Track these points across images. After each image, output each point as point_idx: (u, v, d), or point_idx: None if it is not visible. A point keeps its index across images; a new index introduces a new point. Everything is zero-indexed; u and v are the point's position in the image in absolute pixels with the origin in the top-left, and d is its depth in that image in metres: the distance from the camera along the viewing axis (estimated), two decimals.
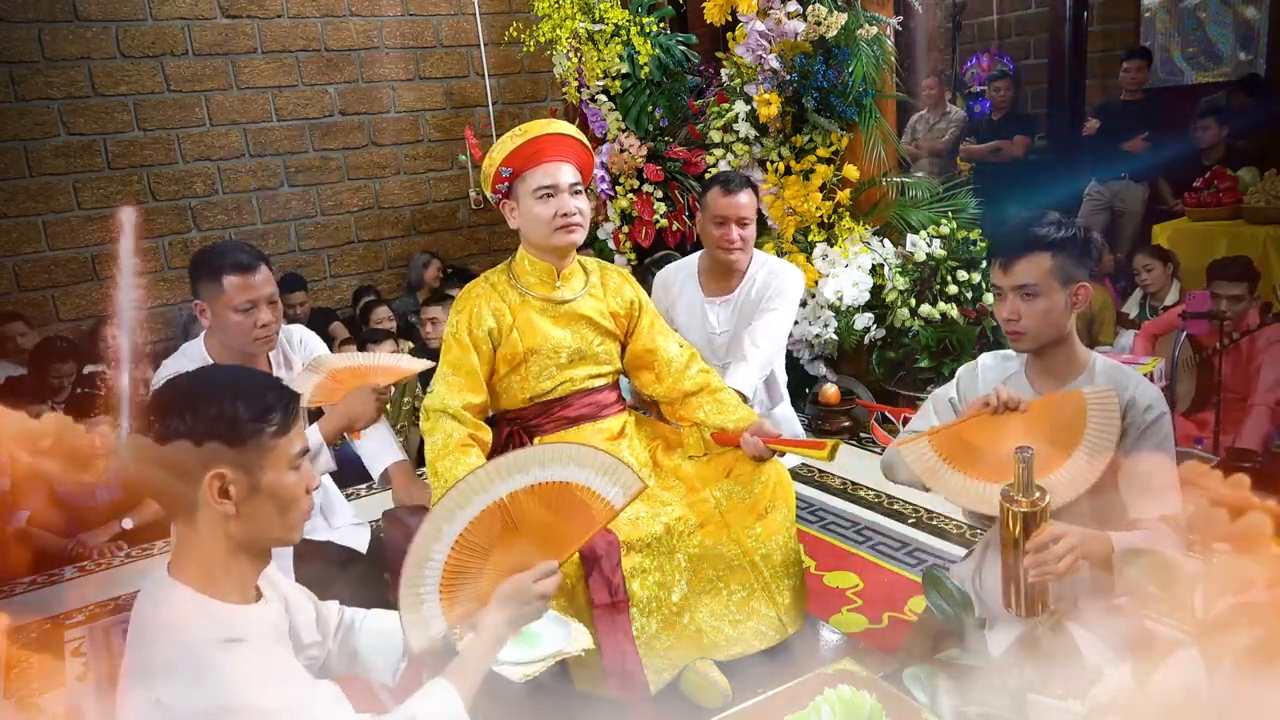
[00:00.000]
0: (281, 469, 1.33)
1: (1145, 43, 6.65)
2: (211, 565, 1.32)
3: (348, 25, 5.59)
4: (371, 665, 1.63)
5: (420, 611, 1.52)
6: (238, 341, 2.37)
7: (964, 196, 4.16)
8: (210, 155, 5.27)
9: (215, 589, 1.31)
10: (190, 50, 5.13)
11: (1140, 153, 5.58)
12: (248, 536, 1.33)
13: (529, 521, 1.57)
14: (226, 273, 2.30)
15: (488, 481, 1.55)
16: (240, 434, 1.28)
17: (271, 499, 1.32)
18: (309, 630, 1.55)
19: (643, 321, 2.43)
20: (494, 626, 1.50)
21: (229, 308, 2.32)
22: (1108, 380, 1.86)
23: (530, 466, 1.56)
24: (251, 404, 1.30)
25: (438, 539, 1.52)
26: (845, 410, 3.93)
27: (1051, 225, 1.85)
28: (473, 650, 1.49)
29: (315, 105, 5.55)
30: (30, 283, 4.87)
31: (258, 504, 1.31)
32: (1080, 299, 1.86)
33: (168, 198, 5.17)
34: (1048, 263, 1.82)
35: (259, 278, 2.34)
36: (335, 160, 5.67)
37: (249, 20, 5.28)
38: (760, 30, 3.90)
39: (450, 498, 1.53)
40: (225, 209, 5.34)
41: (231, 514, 1.29)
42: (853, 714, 1.36)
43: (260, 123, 5.40)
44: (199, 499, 1.28)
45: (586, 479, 1.58)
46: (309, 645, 1.55)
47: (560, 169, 2.21)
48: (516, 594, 1.51)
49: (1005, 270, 1.87)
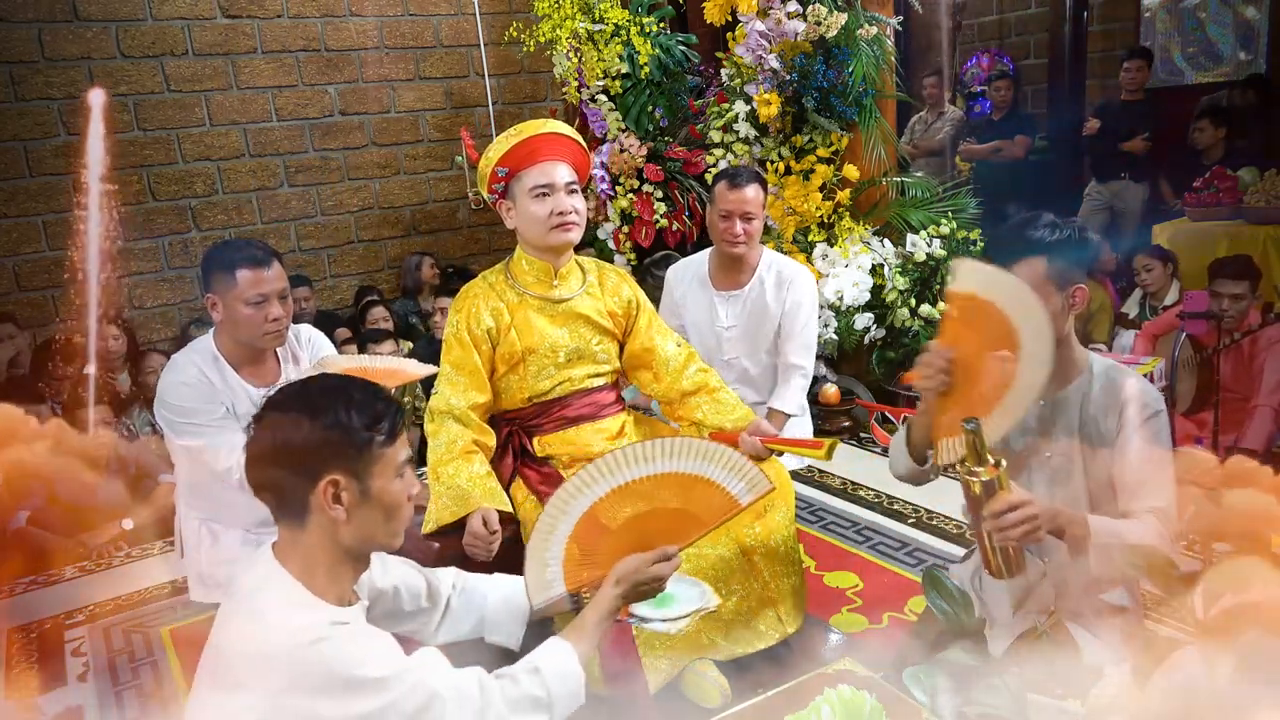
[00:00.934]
0: (389, 476, 1.39)
1: (1145, 43, 6.65)
2: (315, 567, 1.37)
3: (348, 25, 5.59)
4: (496, 628, 1.74)
5: (544, 574, 1.64)
6: (248, 336, 2.40)
7: (964, 196, 4.16)
8: (210, 155, 5.27)
9: (316, 590, 1.36)
10: (190, 50, 5.13)
11: (1140, 153, 5.58)
12: (355, 541, 1.38)
13: (654, 507, 1.67)
14: (240, 266, 2.34)
15: (616, 468, 1.65)
16: (354, 442, 1.34)
17: (380, 505, 1.38)
18: (413, 600, 1.66)
19: (640, 320, 2.44)
20: (609, 599, 1.60)
21: (241, 301, 2.35)
22: (1106, 380, 1.86)
23: (658, 458, 1.66)
24: (363, 412, 1.35)
25: (564, 513, 1.64)
26: (845, 410, 3.93)
27: (1046, 228, 1.83)
28: (588, 616, 1.60)
29: (315, 105, 5.55)
30: (30, 283, 4.87)
31: (367, 510, 1.37)
32: (1078, 301, 1.85)
33: (168, 198, 5.17)
34: (1043, 266, 1.80)
35: (271, 273, 2.38)
36: (335, 160, 5.67)
37: (249, 20, 5.28)
38: (760, 30, 3.90)
39: (579, 478, 1.64)
40: (225, 209, 5.34)
41: (342, 519, 1.35)
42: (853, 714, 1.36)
43: (260, 123, 5.40)
44: (311, 504, 1.34)
45: (713, 474, 1.68)
46: (413, 613, 1.67)
47: (556, 168, 2.22)
48: (633, 573, 1.61)
49: None
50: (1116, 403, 1.83)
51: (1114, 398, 1.84)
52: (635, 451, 1.65)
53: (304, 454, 1.32)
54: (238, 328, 2.39)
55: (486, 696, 1.42)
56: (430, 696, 1.35)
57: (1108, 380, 1.86)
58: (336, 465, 1.33)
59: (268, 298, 2.36)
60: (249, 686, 1.26)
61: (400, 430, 1.41)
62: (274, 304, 2.38)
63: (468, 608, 1.74)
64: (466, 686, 1.41)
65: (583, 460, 2.28)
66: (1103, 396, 1.85)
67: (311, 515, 1.35)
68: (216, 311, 2.40)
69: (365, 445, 1.35)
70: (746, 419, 2.31)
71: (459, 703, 1.38)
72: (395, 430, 1.39)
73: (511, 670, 1.49)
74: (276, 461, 1.33)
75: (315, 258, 5.68)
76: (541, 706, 1.47)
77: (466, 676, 1.43)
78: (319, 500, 1.33)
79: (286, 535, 1.38)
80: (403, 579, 1.66)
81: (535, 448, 2.32)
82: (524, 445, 2.32)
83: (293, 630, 1.28)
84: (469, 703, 1.40)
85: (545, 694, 1.47)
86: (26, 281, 4.86)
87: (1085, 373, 1.89)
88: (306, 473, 1.32)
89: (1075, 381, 1.89)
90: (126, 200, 5.05)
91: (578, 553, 1.65)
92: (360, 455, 1.34)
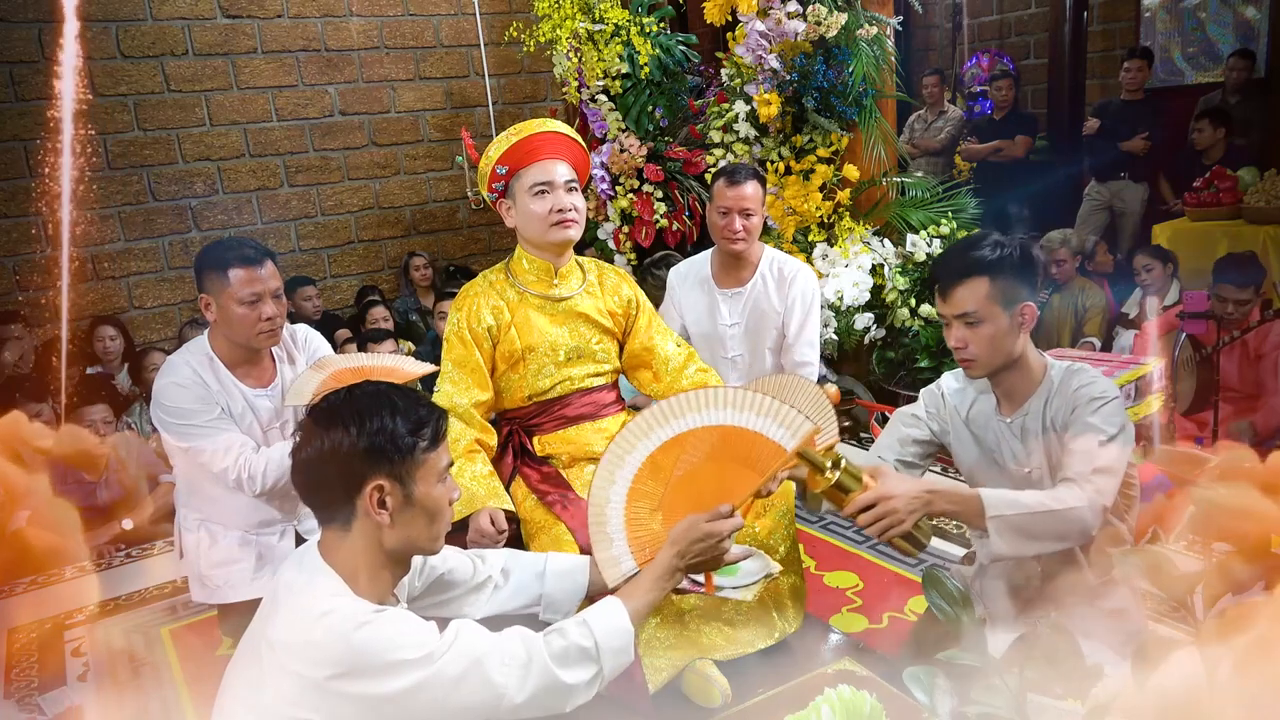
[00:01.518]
0: (431, 481, 1.41)
1: (1145, 43, 6.65)
2: (357, 570, 1.39)
3: (348, 25, 5.59)
4: (553, 604, 1.75)
5: (610, 550, 1.64)
6: (242, 335, 2.38)
7: (964, 196, 4.16)
8: (210, 155, 5.27)
9: (358, 592, 1.38)
10: (190, 50, 5.13)
11: (1140, 153, 5.58)
12: (398, 545, 1.41)
13: (700, 467, 1.65)
14: (233, 266, 2.33)
15: (646, 428, 1.63)
16: (399, 447, 1.36)
17: (423, 510, 1.41)
18: (462, 583, 1.69)
19: (640, 320, 2.44)
20: (666, 560, 1.59)
21: (234, 300, 2.33)
22: (1064, 387, 1.85)
23: (686, 412, 1.65)
24: (408, 418, 1.38)
25: (611, 483, 1.64)
26: (845, 410, 3.93)
27: (987, 248, 1.81)
28: (644, 577, 1.60)
29: (315, 105, 5.55)
30: (30, 283, 4.87)
31: (411, 515, 1.39)
32: (1027, 318, 1.83)
33: (168, 198, 5.17)
34: (985, 287, 1.79)
35: (264, 272, 2.36)
36: (335, 160, 5.67)
37: (249, 20, 5.28)
38: (760, 30, 3.90)
39: (611, 450, 1.64)
40: (225, 209, 5.34)
41: (387, 524, 1.37)
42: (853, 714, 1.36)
43: (260, 123, 5.40)
44: (357, 508, 1.37)
45: (748, 422, 1.64)
46: (461, 596, 1.69)
47: (555, 166, 2.22)
48: (688, 531, 1.59)
49: (945, 299, 1.85)
50: (1073, 399, 1.84)
51: (1069, 398, 1.84)
52: (662, 410, 1.64)
53: (350, 460, 1.35)
54: (232, 327, 2.38)
55: (530, 650, 1.43)
56: (472, 661, 1.37)
57: (1066, 387, 1.85)
58: (381, 471, 1.36)
59: (261, 297, 2.35)
60: (298, 673, 1.30)
61: (443, 435, 1.44)
62: (268, 303, 2.36)
63: (519, 588, 1.75)
64: (508, 644, 1.43)
65: (583, 460, 2.28)
66: (1062, 405, 1.85)
67: (356, 520, 1.38)
68: (210, 311, 2.38)
69: (409, 451, 1.37)
70: None
71: (502, 660, 1.40)
72: (438, 436, 1.42)
73: (561, 624, 1.51)
74: (323, 467, 1.36)
75: (315, 258, 5.69)
76: (589, 658, 1.47)
77: (508, 634, 1.44)
78: (364, 505, 1.36)
79: (331, 538, 1.41)
80: (455, 562, 1.69)
81: (535, 447, 2.32)
82: (524, 444, 2.32)
83: (341, 618, 1.31)
84: (513, 659, 1.41)
85: (592, 645, 1.47)
86: (26, 281, 4.86)
87: (1044, 383, 1.89)
88: (353, 478, 1.36)
89: (1035, 394, 1.89)
90: (126, 200, 5.06)
91: (638, 521, 1.64)
92: (404, 461, 1.37)
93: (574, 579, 1.75)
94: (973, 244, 1.85)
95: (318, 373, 2.42)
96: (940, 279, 1.86)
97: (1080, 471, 1.72)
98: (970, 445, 2.03)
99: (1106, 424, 1.76)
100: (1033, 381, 1.89)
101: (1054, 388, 1.87)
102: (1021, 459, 1.95)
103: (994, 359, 1.84)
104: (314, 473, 1.38)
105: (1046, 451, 1.90)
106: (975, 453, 2.03)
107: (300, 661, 1.30)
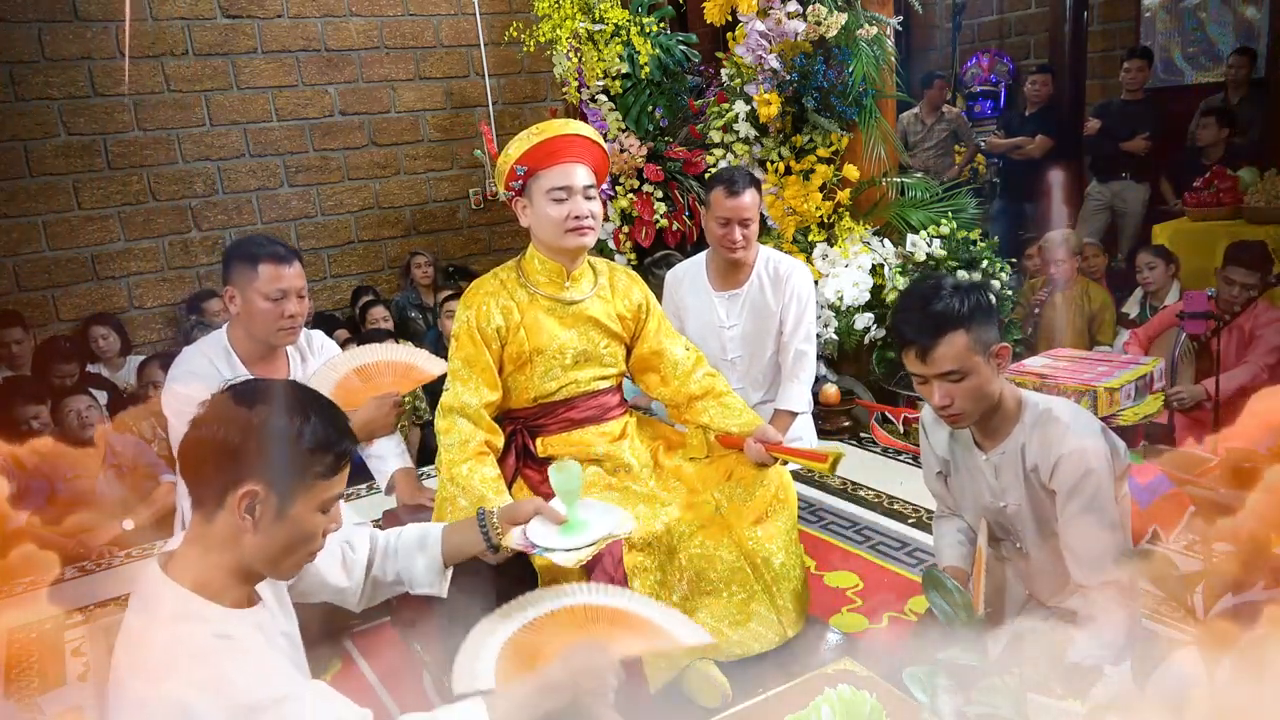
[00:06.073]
0: (311, 507, 1.33)
1: (1145, 43, 6.65)
2: (212, 567, 1.32)
3: (348, 25, 5.59)
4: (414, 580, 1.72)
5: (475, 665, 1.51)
6: (262, 330, 2.41)
7: (963, 196, 4.16)
8: (210, 155, 5.27)
9: (211, 591, 1.31)
10: (190, 50, 5.13)
11: (1140, 153, 5.57)
12: (254, 556, 1.33)
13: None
14: (263, 261, 2.37)
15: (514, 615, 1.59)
16: (289, 462, 1.29)
17: (291, 531, 1.32)
18: (335, 574, 1.63)
19: (650, 324, 2.43)
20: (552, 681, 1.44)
21: (260, 294, 2.37)
22: (1038, 429, 1.83)
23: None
24: (313, 437, 1.31)
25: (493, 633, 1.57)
26: (845, 410, 3.93)
27: (955, 299, 1.75)
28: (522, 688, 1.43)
29: (315, 105, 5.55)
30: (30, 283, 4.87)
31: (275, 531, 1.31)
32: (1003, 360, 1.80)
33: (168, 198, 5.17)
34: (963, 340, 1.75)
35: (292, 270, 2.41)
36: (335, 160, 5.67)
37: (249, 20, 5.28)
38: (760, 30, 3.90)
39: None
40: (225, 209, 5.34)
41: (249, 530, 1.30)
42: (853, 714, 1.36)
43: (260, 123, 5.40)
44: (227, 503, 1.29)
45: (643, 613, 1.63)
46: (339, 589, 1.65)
47: (575, 170, 2.19)
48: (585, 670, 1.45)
49: (924, 359, 1.78)
50: (1050, 456, 1.81)
51: (1047, 450, 1.82)
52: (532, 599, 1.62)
53: (237, 454, 1.27)
54: (253, 321, 2.41)
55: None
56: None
57: (1039, 430, 1.84)
58: (261, 476, 1.27)
59: (286, 294, 2.39)
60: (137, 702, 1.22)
61: (343, 467, 1.36)
62: (291, 300, 2.41)
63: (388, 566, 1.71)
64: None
65: (585, 462, 2.27)
66: (1038, 449, 1.84)
67: (222, 514, 1.30)
68: (234, 304, 2.42)
69: (299, 469, 1.30)
70: (753, 424, 2.31)
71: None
72: (338, 465, 1.34)
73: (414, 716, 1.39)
74: (210, 449, 1.28)
75: (315, 258, 5.68)
76: None
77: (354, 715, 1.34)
78: (231, 503, 1.28)
79: (192, 530, 1.33)
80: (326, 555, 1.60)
81: (538, 448, 2.32)
82: (527, 445, 2.32)
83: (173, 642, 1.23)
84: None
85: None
86: (26, 281, 4.86)
87: (1019, 425, 1.88)
88: (230, 472, 1.27)
89: (1010, 435, 1.89)
90: (126, 200, 5.06)
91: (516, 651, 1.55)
92: (289, 476, 1.29)
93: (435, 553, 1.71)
94: (933, 296, 1.77)
95: (331, 372, 2.45)
96: (913, 339, 1.78)
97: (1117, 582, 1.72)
98: (953, 473, 2.07)
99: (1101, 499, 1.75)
100: (1010, 420, 1.88)
101: (1029, 432, 1.85)
102: (998, 493, 1.95)
103: (980, 408, 1.82)
104: (200, 450, 1.29)
105: (1027, 494, 1.90)
106: (958, 481, 2.05)
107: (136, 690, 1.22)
